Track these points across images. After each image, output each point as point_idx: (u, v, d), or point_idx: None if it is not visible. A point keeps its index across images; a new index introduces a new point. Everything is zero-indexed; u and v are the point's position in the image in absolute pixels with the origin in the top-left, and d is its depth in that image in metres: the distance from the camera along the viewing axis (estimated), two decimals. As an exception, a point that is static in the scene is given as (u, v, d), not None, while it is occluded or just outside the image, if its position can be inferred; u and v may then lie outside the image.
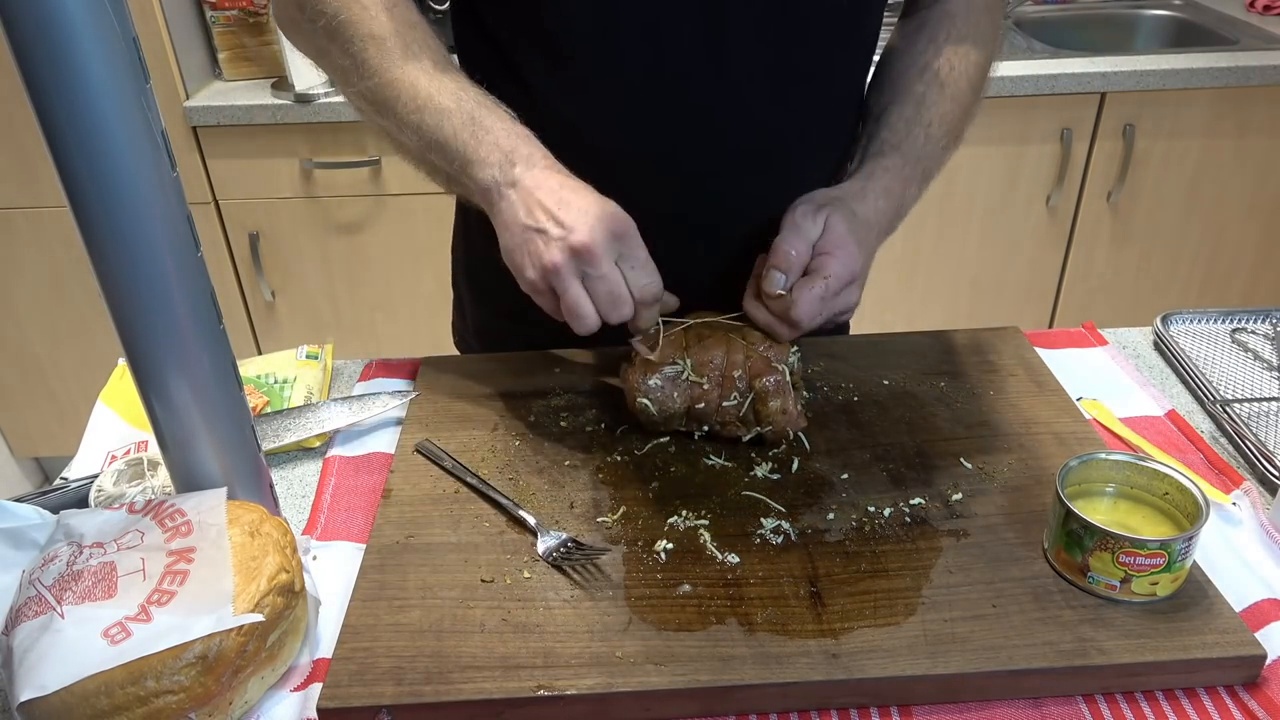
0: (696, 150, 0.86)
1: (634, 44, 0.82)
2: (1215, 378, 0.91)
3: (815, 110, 0.90)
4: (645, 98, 0.84)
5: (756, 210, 0.87)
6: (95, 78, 0.54)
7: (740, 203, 0.90)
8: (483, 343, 1.09)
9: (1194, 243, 2.13)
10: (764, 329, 0.80)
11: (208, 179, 1.96)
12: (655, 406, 0.78)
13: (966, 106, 0.90)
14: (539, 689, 0.60)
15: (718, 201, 0.90)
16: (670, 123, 0.85)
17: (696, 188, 0.88)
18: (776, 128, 0.88)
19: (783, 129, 0.88)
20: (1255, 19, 2.17)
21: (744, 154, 0.88)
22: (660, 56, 0.82)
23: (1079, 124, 1.96)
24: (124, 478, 0.76)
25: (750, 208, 0.88)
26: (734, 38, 0.82)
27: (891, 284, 2.13)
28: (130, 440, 0.85)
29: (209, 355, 0.65)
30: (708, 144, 0.86)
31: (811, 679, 0.60)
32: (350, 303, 2.13)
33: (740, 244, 0.88)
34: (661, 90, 0.84)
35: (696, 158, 0.87)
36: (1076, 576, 0.65)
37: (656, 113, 0.85)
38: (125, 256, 0.59)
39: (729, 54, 0.83)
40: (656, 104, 0.84)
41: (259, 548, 0.63)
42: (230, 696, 0.59)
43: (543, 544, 0.70)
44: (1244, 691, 0.61)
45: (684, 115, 0.85)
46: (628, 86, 0.84)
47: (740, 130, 0.86)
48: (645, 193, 0.81)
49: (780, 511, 0.73)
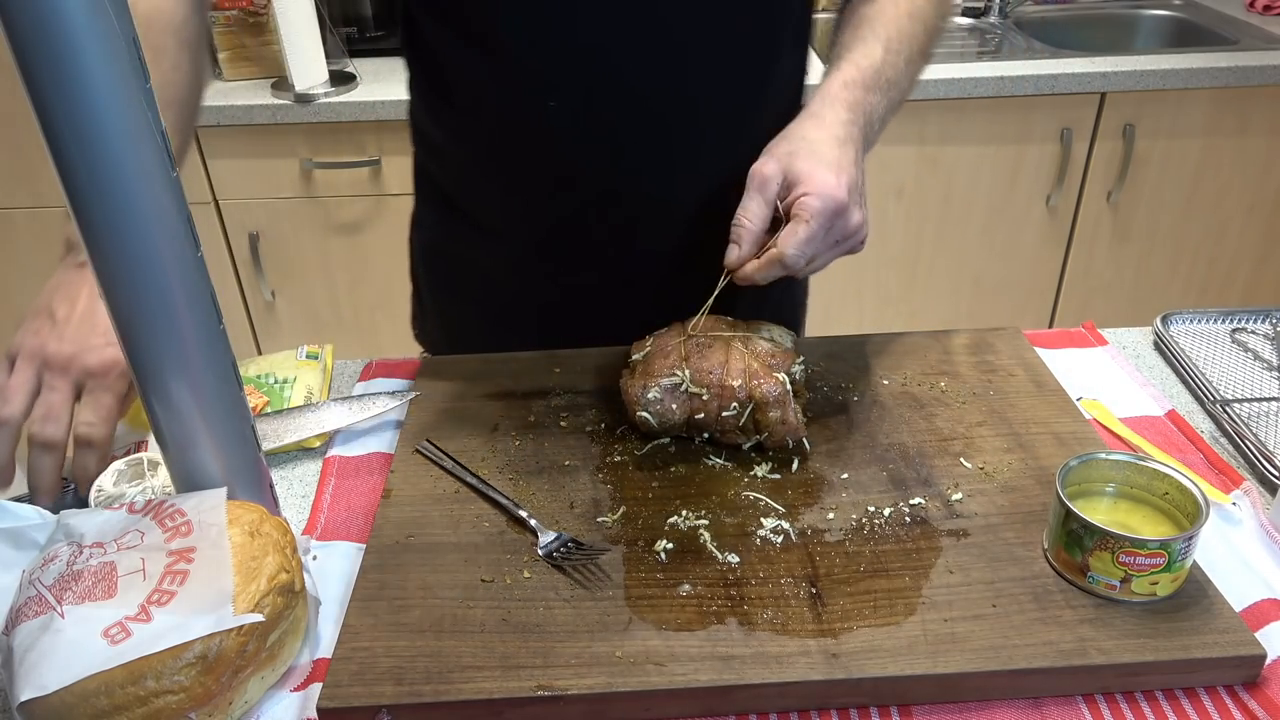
0: (625, 122, 0.87)
1: (558, 18, 0.83)
2: (1215, 378, 0.91)
3: (738, 76, 0.90)
4: (569, 71, 0.85)
5: (696, 177, 0.88)
6: (95, 78, 0.54)
7: (677, 171, 0.91)
8: (443, 331, 1.09)
9: (1194, 243, 2.13)
10: (757, 278, 0.78)
11: (208, 179, 1.95)
12: (655, 419, 0.78)
13: (927, 22, 0.89)
14: (539, 689, 0.60)
15: (655, 172, 0.90)
16: (596, 96, 0.86)
17: (631, 159, 0.89)
18: (702, 95, 0.88)
19: (709, 97, 0.89)
20: (1255, 19, 2.17)
21: (672, 123, 0.88)
22: (580, 29, 0.83)
23: (1079, 124, 1.96)
24: (124, 478, 0.76)
25: (688, 176, 0.89)
26: (661, 8, 0.83)
27: (891, 284, 2.14)
28: (129, 440, 0.85)
29: (209, 355, 0.65)
30: (634, 114, 0.87)
31: (811, 679, 0.60)
32: (350, 303, 2.13)
33: (691, 211, 0.90)
34: (585, 62, 0.84)
35: (626, 129, 0.88)
36: (1076, 576, 0.65)
37: (582, 86, 0.85)
38: (125, 256, 0.59)
39: (652, 24, 0.83)
40: (581, 77, 0.85)
41: (259, 548, 0.63)
42: (230, 696, 0.59)
43: (543, 544, 0.70)
44: (1244, 691, 0.61)
45: (609, 87, 0.85)
46: (550, 63, 0.85)
47: (666, 99, 0.87)
48: (584, 169, 0.86)
49: (780, 511, 0.73)
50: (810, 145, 0.77)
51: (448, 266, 1.05)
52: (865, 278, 2.11)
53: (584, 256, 0.96)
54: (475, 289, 1.03)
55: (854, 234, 0.78)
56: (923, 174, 2.00)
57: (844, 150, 0.77)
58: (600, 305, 0.97)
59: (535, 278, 0.99)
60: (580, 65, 0.85)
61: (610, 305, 0.97)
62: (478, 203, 0.98)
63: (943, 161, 1.99)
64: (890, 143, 1.96)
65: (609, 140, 0.89)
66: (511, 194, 0.95)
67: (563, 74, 0.86)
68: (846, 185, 0.75)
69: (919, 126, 1.95)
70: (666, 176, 0.91)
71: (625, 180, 0.91)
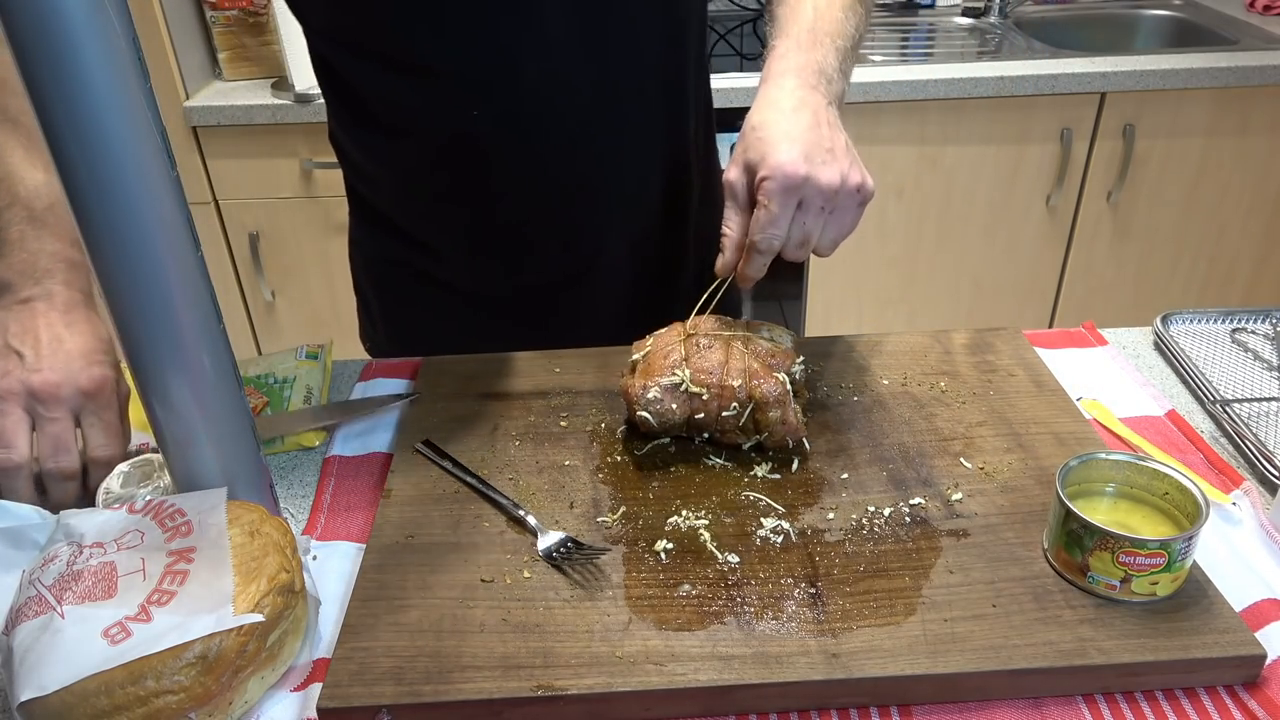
0: (551, 118, 0.89)
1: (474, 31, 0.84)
2: (1215, 378, 0.91)
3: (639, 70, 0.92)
4: (491, 79, 0.87)
5: (627, 165, 0.93)
6: (95, 78, 0.54)
7: (606, 161, 0.93)
8: (393, 341, 1.10)
9: (1194, 243, 2.13)
10: (749, 273, 0.78)
11: (208, 179, 1.96)
12: (655, 419, 0.78)
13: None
14: (539, 689, 0.60)
15: (587, 164, 0.93)
16: (521, 97, 0.88)
17: (560, 154, 0.91)
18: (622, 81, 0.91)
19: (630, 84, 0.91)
20: (1255, 19, 2.17)
21: (596, 113, 0.90)
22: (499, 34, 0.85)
23: (1079, 124, 1.96)
24: (131, 479, 0.76)
25: (617, 164, 0.93)
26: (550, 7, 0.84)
27: (891, 284, 2.14)
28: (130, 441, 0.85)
29: (209, 355, 0.65)
30: (559, 109, 0.89)
31: (811, 679, 0.60)
32: (350, 303, 2.12)
33: (632, 202, 0.96)
34: (508, 65, 0.86)
35: (552, 126, 0.90)
36: (1076, 576, 0.65)
37: (505, 90, 0.87)
38: (125, 256, 0.59)
39: (570, 22, 0.85)
40: (504, 82, 0.87)
41: (259, 548, 0.63)
42: (230, 696, 0.59)
43: (543, 544, 0.70)
44: (1244, 691, 0.61)
45: (533, 86, 0.87)
46: (471, 74, 0.87)
47: (590, 91, 0.89)
48: (516, 172, 0.89)
49: (780, 511, 0.73)
50: (760, 130, 0.76)
51: (393, 276, 1.06)
52: (865, 278, 2.11)
53: (528, 256, 0.98)
54: (421, 295, 1.04)
55: (834, 194, 0.74)
56: (923, 174, 2.00)
57: (797, 117, 0.75)
58: (552, 301, 1.00)
59: (482, 279, 1.00)
60: (503, 70, 0.86)
61: (563, 301, 1.00)
62: (413, 218, 0.99)
63: (943, 161, 1.99)
64: (890, 143, 1.96)
65: (537, 140, 0.90)
66: (446, 205, 0.96)
67: (484, 82, 0.87)
68: (802, 153, 0.73)
69: (919, 126, 1.95)
70: (597, 168, 0.93)
71: (559, 177, 0.93)
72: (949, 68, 1.91)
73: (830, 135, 0.75)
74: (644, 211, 0.98)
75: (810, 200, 0.74)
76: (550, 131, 0.90)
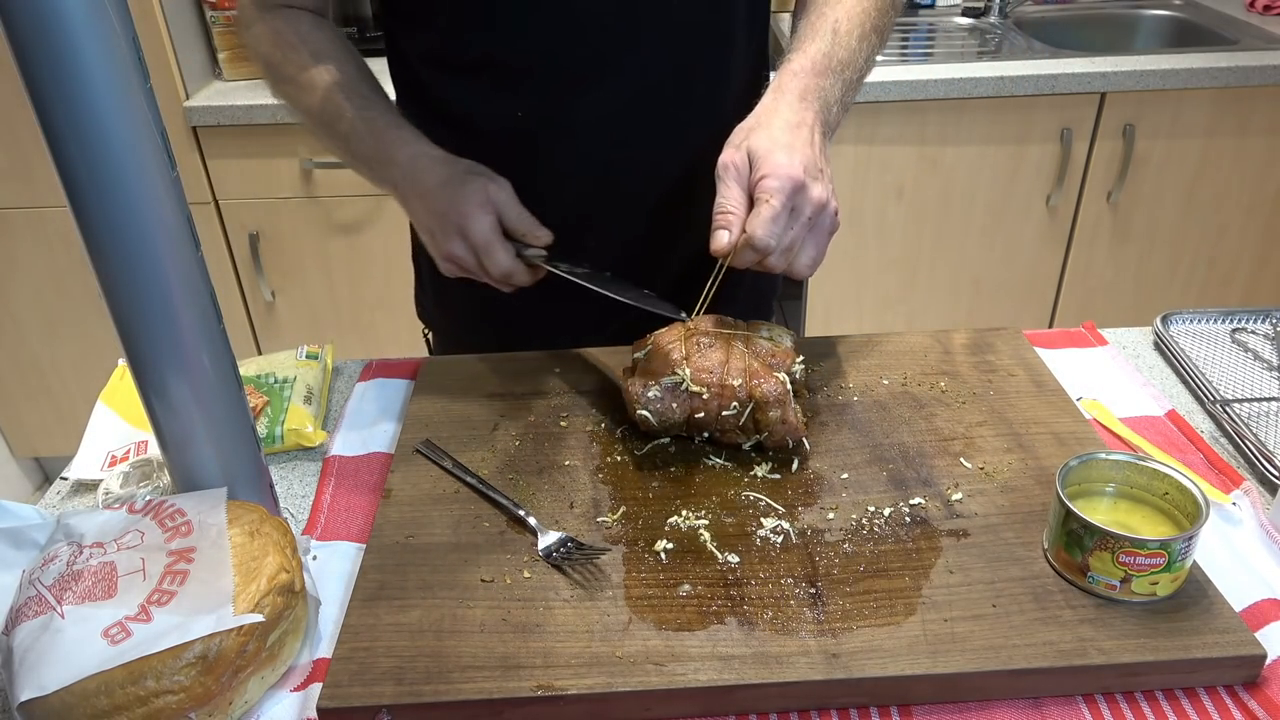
0: (597, 114, 0.92)
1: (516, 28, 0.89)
2: (1215, 378, 0.91)
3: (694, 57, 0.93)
4: (534, 79, 0.91)
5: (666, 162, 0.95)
6: (95, 78, 0.54)
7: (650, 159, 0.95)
8: (441, 309, 1.13)
9: (1194, 243, 2.13)
10: (734, 262, 0.78)
11: (208, 179, 1.95)
12: (655, 418, 0.78)
13: (877, 2, 0.90)
14: (539, 689, 0.60)
15: (631, 162, 0.95)
16: (565, 98, 0.91)
17: (603, 152, 0.94)
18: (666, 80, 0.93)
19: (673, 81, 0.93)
20: (1255, 19, 2.17)
21: (640, 109, 0.93)
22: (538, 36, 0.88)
23: (1079, 124, 1.96)
24: (132, 479, 0.76)
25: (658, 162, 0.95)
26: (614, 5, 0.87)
27: (891, 284, 2.13)
28: (130, 440, 0.85)
29: (209, 355, 0.65)
30: (602, 108, 0.91)
31: (811, 679, 0.60)
32: (350, 303, 2.13)
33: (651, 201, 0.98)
34: (549, 67, 0.90)
35: (598, 121, 0.92)
36: (1076, 576, 0.65)
37: (549, 91, 0.91)
38: (125, 256, 0.59)
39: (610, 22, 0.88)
40: (548, 80, 0.91)
41: (259, 548, 0.63)
42: (230, 696, 0.59)
43: (542, 544, 0.70)
44: (1244, 691, 0.61)
45: (575, 86, 0.90)
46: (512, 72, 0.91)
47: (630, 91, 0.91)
48: (563, 170, 0.92)
49: (780, 511, 0.73)
50: (763, 131, 0.79)
51: None
52: (865, 278, 2.11)
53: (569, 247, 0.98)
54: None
55: (821, 210, 0.77)
56: (923, 174, 2.00)
57: (797, 133, 0.78)
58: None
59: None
60: (545, 70, 0.89)
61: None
62: None
63: (943, 161, 1.99)
64: (890, 143, 1.96)
65: (584, 138, 0.92)
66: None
67: (527, 83, 0.90)
68: (801, 164, 0.76)
69: (919, 126, 1.95)
70: (639, 163, 0.95)
71: (601, 170, 0.94)
72: (949, 68, 1.91)
73: (821, 159, 0.79)
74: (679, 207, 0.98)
75: (801, 208, 0.76)
76: (597, 135, 0.93)
